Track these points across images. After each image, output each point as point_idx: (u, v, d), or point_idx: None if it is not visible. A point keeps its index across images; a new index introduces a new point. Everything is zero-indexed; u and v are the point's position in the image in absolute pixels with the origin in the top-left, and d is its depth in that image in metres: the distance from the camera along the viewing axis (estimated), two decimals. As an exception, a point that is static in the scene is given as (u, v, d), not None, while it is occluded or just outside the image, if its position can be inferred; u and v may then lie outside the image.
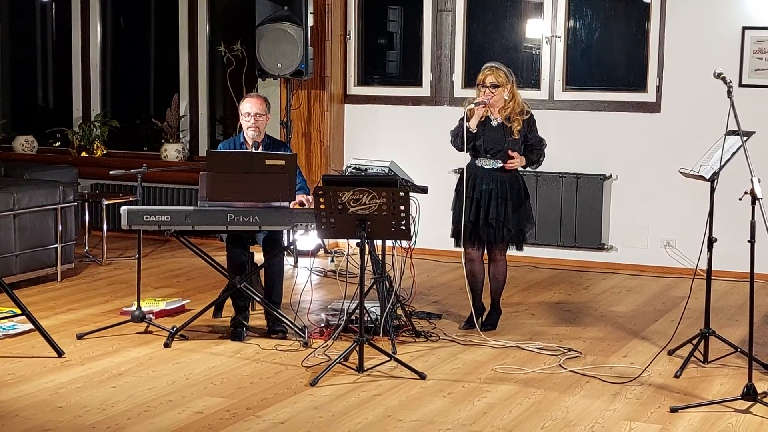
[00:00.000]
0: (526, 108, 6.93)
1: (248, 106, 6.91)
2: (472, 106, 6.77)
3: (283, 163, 6.42)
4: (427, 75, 9.81)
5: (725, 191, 6.44)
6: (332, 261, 9.17)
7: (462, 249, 6.97)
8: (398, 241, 6.79)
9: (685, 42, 8.95)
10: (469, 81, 9.39)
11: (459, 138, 6.79)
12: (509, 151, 6.81)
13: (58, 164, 10.10)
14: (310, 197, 6.65)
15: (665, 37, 9.01)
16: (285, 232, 6.75)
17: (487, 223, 6.84)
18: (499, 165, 6.86)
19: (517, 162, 6.84)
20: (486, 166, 6.88)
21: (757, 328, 6.59)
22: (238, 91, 10.30)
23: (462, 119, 6.81)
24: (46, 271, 8.33)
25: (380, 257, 6.71)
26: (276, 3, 9.16)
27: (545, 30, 9.39)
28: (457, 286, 8.34)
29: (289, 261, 8.74)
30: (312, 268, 8.68)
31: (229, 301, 6.99)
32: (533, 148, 6.94)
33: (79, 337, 6.63)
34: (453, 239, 7.02)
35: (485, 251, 7.01)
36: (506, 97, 6.84)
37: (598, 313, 7.56)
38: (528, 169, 7.07)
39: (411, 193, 6.01)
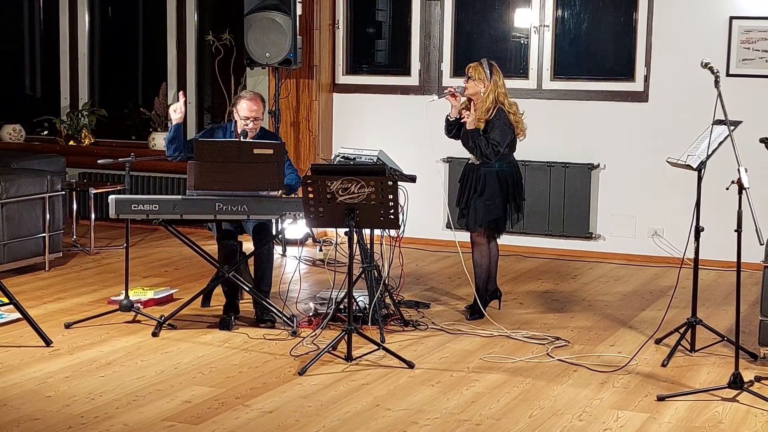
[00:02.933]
0: (492, 108, 6.85)
1: (245, 109, 6.78)
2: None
3: (271, 152, 6.42)
4: (415, 64, 9.81)
5: (712, 181, 6.46)
6: (320, 250, 9.17)
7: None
8: (387, 230, 6.80)
9: (672, 32, 8.96)
10: (458, 70, 9.39)
11: (446, 125, 7.07)
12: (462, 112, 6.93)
13: (45, 153, 10.07)
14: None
15: (653, 27, 9.02)
16: (273, 220, 6.76)
17: (461, 212, 7.04)
18: (478, 162, 6.95)
19: (468, 116, 6.86)
20: (469, 162, 7.09)
21: (744, 317, 6.60)
22: (227, 80, 10.28)
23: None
24: (34, 261, 8.32)
25: (369, 246, 6.72)
26: (264, -8, 9.15)
27: (533, 20, 9.39)
28: (445, 275, 8.36)
29: (277, 250, 8.73)
30: (300, 257, 8.68)
31: (217, 290, 6.99)
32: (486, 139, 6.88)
33: (67, 326, 6.62)
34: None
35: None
36: (481, 93, 6.90)
37: (585, 303, 7.58)
38: (518, 156, 7.12)
39: (399, 182, 6.02)
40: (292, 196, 6.76)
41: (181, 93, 6.99)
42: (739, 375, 5.37)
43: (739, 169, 5.32)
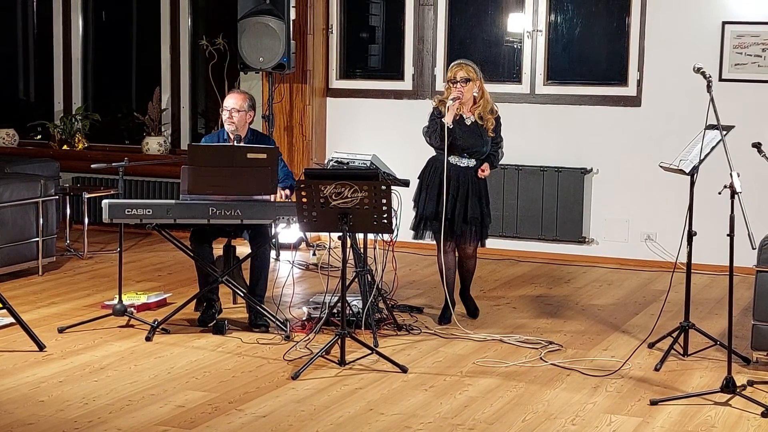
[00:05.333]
0: (495, 107, 7.00)
1: (228, 101, 6.91)
2: (450, 102, 6.80)
3: (264, 156, 6.43)
4: (408, 69, 9.82)
5: (705, 185, 6.48)
6: (314, 254, 9.17)
7: (425, 241, 7.12)
8: (380, 235, 6.80)
9: (665, 36, 8.98)
10: (451, 75, 9.41)
11: (436, 135, 6.81)
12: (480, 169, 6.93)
13: (39, 158, 10.07)
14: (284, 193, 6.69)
15: (646, 32, 9.04)
16: (269, 225, 6.76)
17: (467, 220, 6.89)
18: (474, 164, 6.95)
19: (487, 172, 6.96)
20: (461, 165, 6.94)
21: (737, 321, 6.62)
22: (220, 84, 10.29)
23: (431, 116, 6.92)
24: (27, 265, 8.31)
25: (362, 250, 6.73)
26: (258, -3, 9.16)
27: (526, 24, 9.41)
28: (439, 280, 8.34)
29: (271, 254, 8.73)
30: (294, 262, 8.68)
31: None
32: (496, 148, 7.02)
33: (61, 330, 6.62)
34: (413, 231, 7.03)
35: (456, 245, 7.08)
36: (475, 93, 6.91)
37: (579, 307, 7.59)
38: (511, 161, 7.15)
39: (393, 187, 6.03)
40: (285, 195, 6.77)
41: None
42: (731, 379, 5.39)
43: (731, 174, 5.33)
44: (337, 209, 5.87)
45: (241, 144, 6.80)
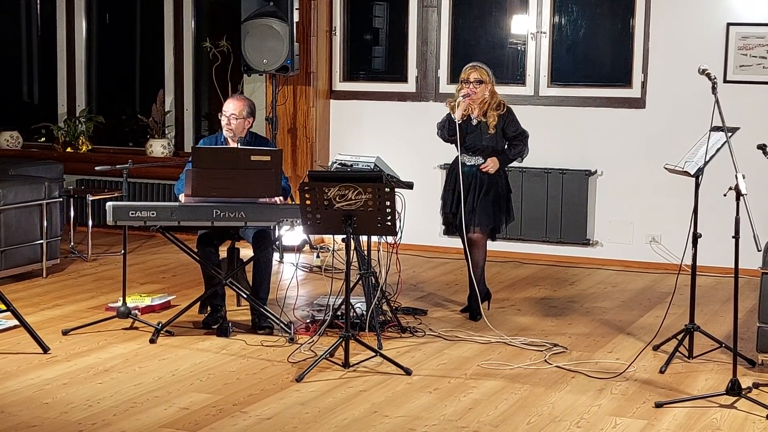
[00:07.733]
0: (503, 102, 7.15)
1: (227, 107, 6.88)
2: (460, 98, 7.00)
3: (268, 158, 6.43)
4: (412, 71, 9.81)
5: (710, 187, 6.46)
6: (318, 257, 9.17)
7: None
8: (384, 237, 6.80)
9: (669, 38, 8.97)
10: (455, 77, 9.34)
11: (445, 129, 7.05)
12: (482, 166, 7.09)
13: (43, 160, 10.07)
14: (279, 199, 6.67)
15: (650, 33, 9.03)
16: (272, 227, 6.76)
17: (470, 210, 7.04)
18: (480, 162, 7.09)
19: (490, 166, 7.06)
20: (468, 163, 7.11)
21: (742, 323, 6.61)
22: (224, 86, 10.29)
23: (447, 114, 7.09)
24: (32, 267, 8.31)
25: (366, 253, 6.72)
26: (262, -1, 9.16)
27: (530, 26, 9.40)
28: (443, 282, 8.36)
29: (275, 257, 8.72)
30: (298, 264, 8.68)
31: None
32: (513, 141, 7.14)
33: (65, 333, 6.61)
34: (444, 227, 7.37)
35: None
36: (486, 95, 7.06)
37: (583, 309, 7.58)
38: (515, 164, 7.19)
39: (396, 189, 6.02)
40: (289, 201, 6.78)
41: None
42: (737, 382, 5.38)
43: (736, 176, 5.32)
44: (341, 211, 5.87)
45: (245, 147, 6.79)
